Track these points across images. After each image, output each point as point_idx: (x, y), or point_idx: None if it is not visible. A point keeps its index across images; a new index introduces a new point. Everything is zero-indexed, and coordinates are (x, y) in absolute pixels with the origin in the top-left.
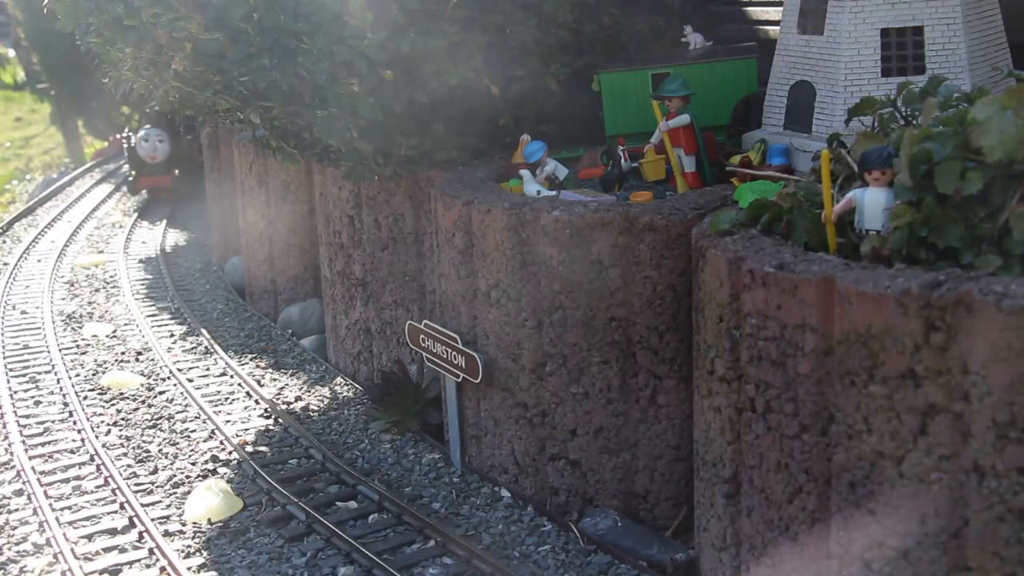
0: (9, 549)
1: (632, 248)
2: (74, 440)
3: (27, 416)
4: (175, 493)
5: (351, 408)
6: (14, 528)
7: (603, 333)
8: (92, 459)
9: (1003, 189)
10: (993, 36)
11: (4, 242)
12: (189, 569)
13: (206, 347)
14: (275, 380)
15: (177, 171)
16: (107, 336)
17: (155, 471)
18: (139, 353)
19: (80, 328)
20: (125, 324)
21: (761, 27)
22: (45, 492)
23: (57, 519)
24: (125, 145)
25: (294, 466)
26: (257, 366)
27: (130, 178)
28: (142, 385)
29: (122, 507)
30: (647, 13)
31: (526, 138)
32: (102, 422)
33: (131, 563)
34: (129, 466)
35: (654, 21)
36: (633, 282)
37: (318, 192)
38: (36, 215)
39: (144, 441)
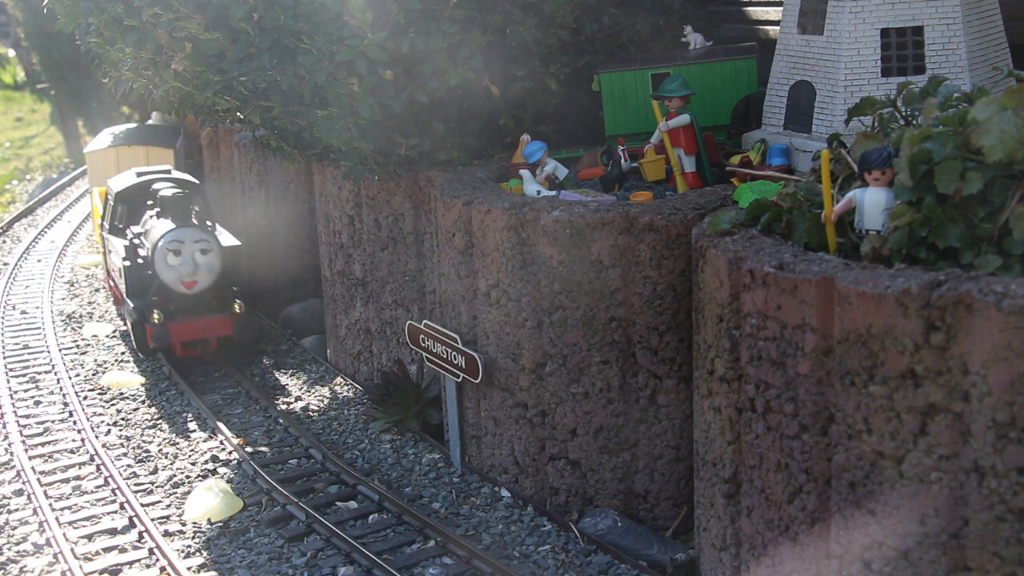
0: (9, 549)
1: (632, 248)
2: (74, 440)
3: (27, 416)
4: (175, 493)
5: (351, 408)
6: (14, 528)
7: (603, 333)
8: (92, 459)
9: (1003, 189)
10: (993, 36)
11: (4, 242)
12: (189, 569)
13: None
14: (275, 380)
15: (239, 304)
16: (107, 336)
17: (155, 471)
18: (139, 353)
19: (80, 328)
20: (125, 324)
21: (761, 27)
22: (45, 492)
23: (57, 519)
24: (124, 261)
25: (294, 466)
26: (257, 366)
27: (133, 320)
28: (142, 385)
29: (122, 507)
30: (647, 13)
31: (526, 138)
32: (102, 422)
33: (131, 563)
34: (129, 466)
35: (654, 21)
36: (633, 282)
37: (318, 192)
38: (36, 215)
39: (144, 441)
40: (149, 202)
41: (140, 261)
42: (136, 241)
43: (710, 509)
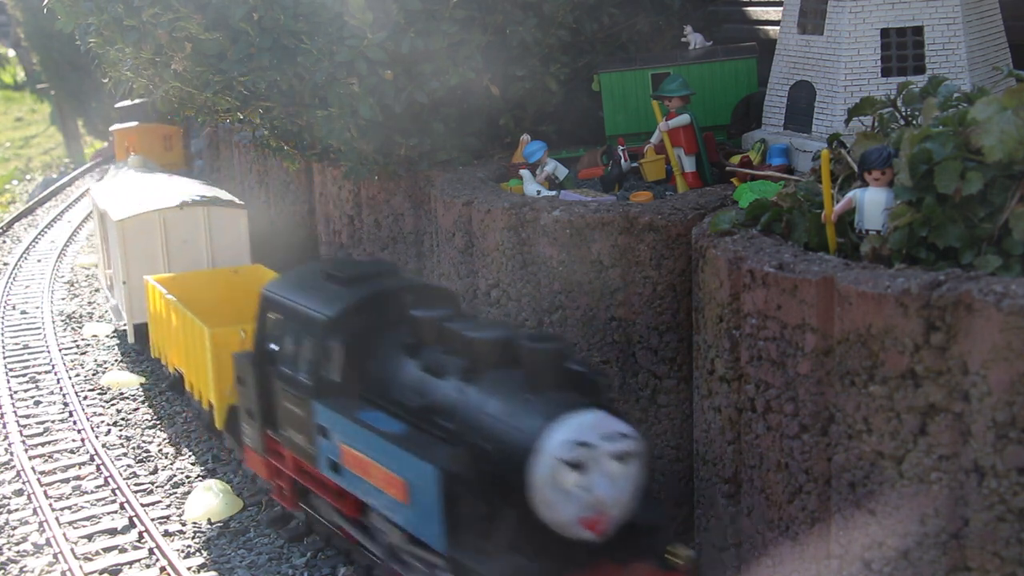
0: (9, 549)
1: (632, 248)
2: (74, 440)
3: (27, 416)
4: (175, 493)
5: None
6: (14, 528)
7: (603, 333)
8: (92, 459)
9: (1003, 189)
10: (993, 36)
11: (4, 242)
12: (189, 569)
13: None
14: None
15: (680, 550)
16: (107, 336)
17: (155, 471)
18: (139, 353)
19: (80, 328)
20: (125, 324)
21: (761, 27)
22: (45, 492)
23: (57, 519)
24: (453, 487)
25: None
26: None
27: None
28: (142, 385)
29: (122, 507)
30: (647, 13)
31: (526, 138)
32: (102, 422)
33: (131, 563)
34: (129, 466)
35: (654, 21)
36: (633, 282)
37: (318, 192)
38: (36, 215)
39: (144, 441)
40: (408, 340)
41: (491, 482)
42: (481, 445)
43: (710, 509)
